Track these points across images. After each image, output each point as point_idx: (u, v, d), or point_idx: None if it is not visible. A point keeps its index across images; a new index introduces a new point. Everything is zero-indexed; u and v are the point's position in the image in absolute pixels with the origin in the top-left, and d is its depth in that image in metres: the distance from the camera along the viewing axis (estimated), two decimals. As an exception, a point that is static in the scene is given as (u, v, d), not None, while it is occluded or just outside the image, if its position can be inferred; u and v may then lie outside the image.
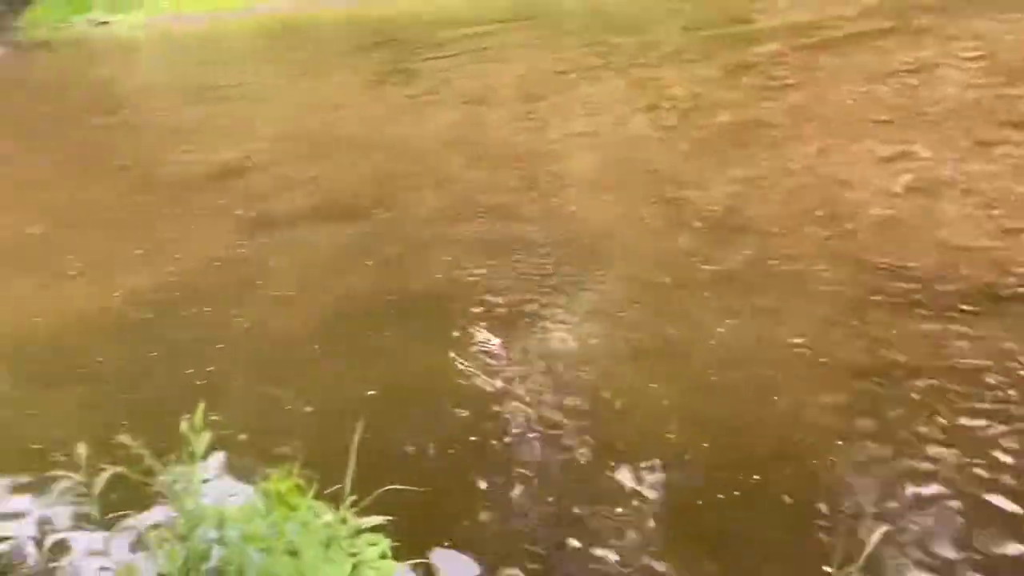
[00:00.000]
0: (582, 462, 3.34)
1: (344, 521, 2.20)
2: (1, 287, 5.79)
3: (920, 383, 3.42)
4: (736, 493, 3.03)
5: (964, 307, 3.85)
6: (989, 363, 3.46)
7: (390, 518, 2.21)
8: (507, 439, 3.51)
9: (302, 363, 4.34)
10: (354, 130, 8.59)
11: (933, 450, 3.06)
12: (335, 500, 2.38)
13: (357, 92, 10.24)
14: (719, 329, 4.05)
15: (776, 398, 3.50)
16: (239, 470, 3.48)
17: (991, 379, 3.37)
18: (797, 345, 3.81)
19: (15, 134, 11.55)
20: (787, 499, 2.96)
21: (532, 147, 7.04)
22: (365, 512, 2.34)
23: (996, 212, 4.62)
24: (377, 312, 4.74)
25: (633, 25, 11.41)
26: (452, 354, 4.16)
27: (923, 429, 3.17)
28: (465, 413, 3.70)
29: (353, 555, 2.00)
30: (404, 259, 5.36)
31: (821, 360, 3.68)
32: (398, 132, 8.19)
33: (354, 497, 2.36)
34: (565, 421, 3.59)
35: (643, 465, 3.24)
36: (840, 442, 3.18)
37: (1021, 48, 6.96)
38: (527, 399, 3.76)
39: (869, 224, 4.75)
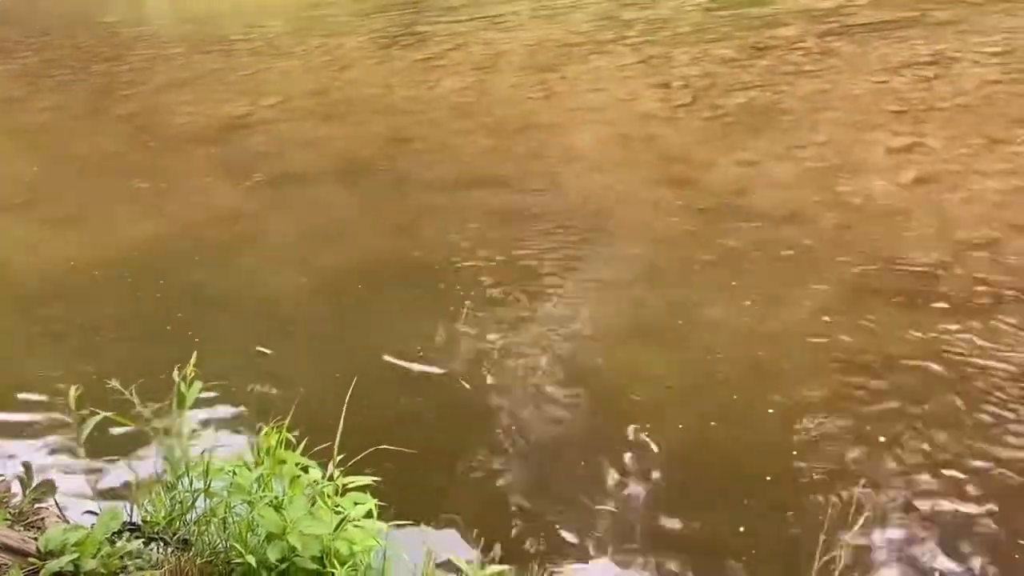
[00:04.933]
0: (574, 435, 3.34)
1: (332, 479, 2.19)
2: (2, 233, 5.76)
3: (913, 377, 3.41)
4: (724, 478, 3.05)
5: (962, 302, 3.83)
6: (987, 359, 3.45)
7: (377, 478, 2.20)
8: (503, 408, 3.51)
9: (301, 320, 4.32)
10: (363, 91, 8.51)
11: (924, 445, 3.06)
12: (326, 458, 2.37)
13: (367, 53, 10.13)
14: (719, 311, 4.04)
15: (770, 383, 3.49)
16: (230, 422, 3.49)
17: (988, 375, 3.36)
18: (795, 331, 3.80)
19: (20, 77, 11.45)
20: (773, 486, 2.97)
21: (541, 118, 6.98)
22: (354, 471, 2.34)
23: (1001, 210, 4.58)
24: (378, 274, 4.72)
25: (650, 1, 11.26)
26: (452, 321, 4.15)
27: (915, 423, 3.16)
28: (462, 380, 3.69)
29: (339, 512, 1.99)
30: (407, 223, 5.33)
31: (818, 348, 3.67)
32: (406, 95, 8.10)
33: (343, 456, 2.36)
34: (561, 394, 3.59)
35: (634, 442, 3.24)
36: (831, 431, 3.18)
37: (1042, 46, 6.88)
38: (524, 370, 3.76)
39: (874, 214, 4.72)
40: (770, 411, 3.34)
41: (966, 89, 6.23)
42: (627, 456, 3.18)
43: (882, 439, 3.11)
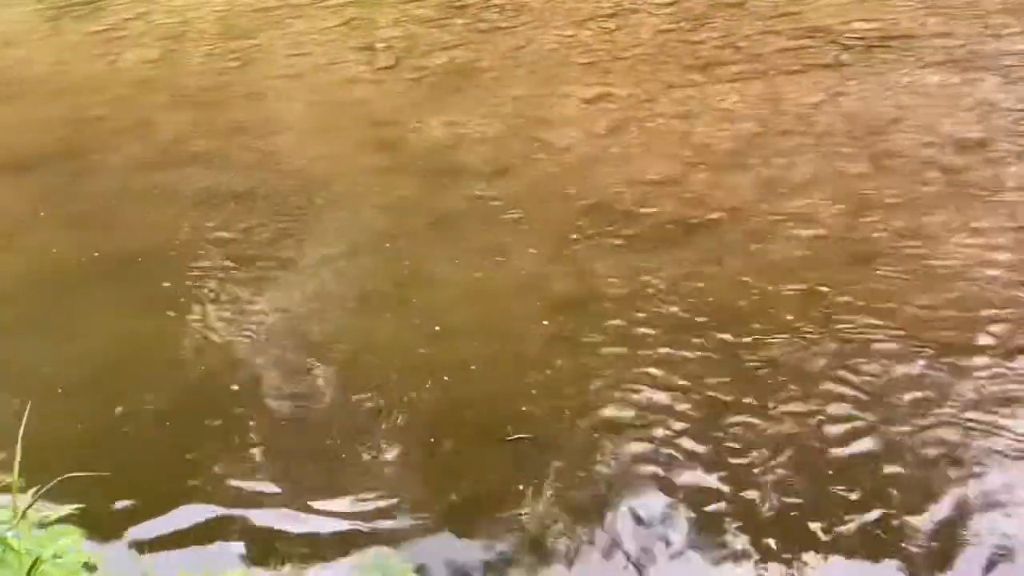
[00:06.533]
0: (313, 417, 3.26)
1: (23, 516, 1.94)
2: None
3: (624, 309, 3.69)
4: (463, 431, 3.13)
5: (657, 237, 4.18)
6: (682, 286, 3.81)
7: (80, 506, 1.99)
8: (229, 402, 3.35)
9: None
10: (32, 71, 7.57)
11: (640, 373, 3.32)
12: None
13: (33, 27, 9.00)
14: (443, 271, 4.10)
15: (500, 335, 3.63)
16: None
17: (683, 301, 3.71)
18: (514, 281, 3.95)
19: None
20: (506, 432, 3.08)
21: (240, 88, 6.62)
22: (54, 501, 2.09)
23: (681, 150, 5.04)
24: (73, 275, 4.28)
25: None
26: (165, 316, 3.86)
27: (629, 351, 3.44)
28: (186, 378, 3.49)
29: (32, 552, 1.77)
30: (102, 214, 4.87)
31: (538, 294, 3.85)
32: (85, 72, 7.34)
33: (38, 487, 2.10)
34: (292, 378, 3.48)
35: (376, 412, 3.23)
36: (565, 373, 3.36)
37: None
38: (251, 358, 3.60)
39: (575, 163, 5.00)
40: (503, 362, 3.47)
41: (644, 39, 6.75)
42: (372, 429, 3.17)
43: (608, 372, 3.34)
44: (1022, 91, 5.29)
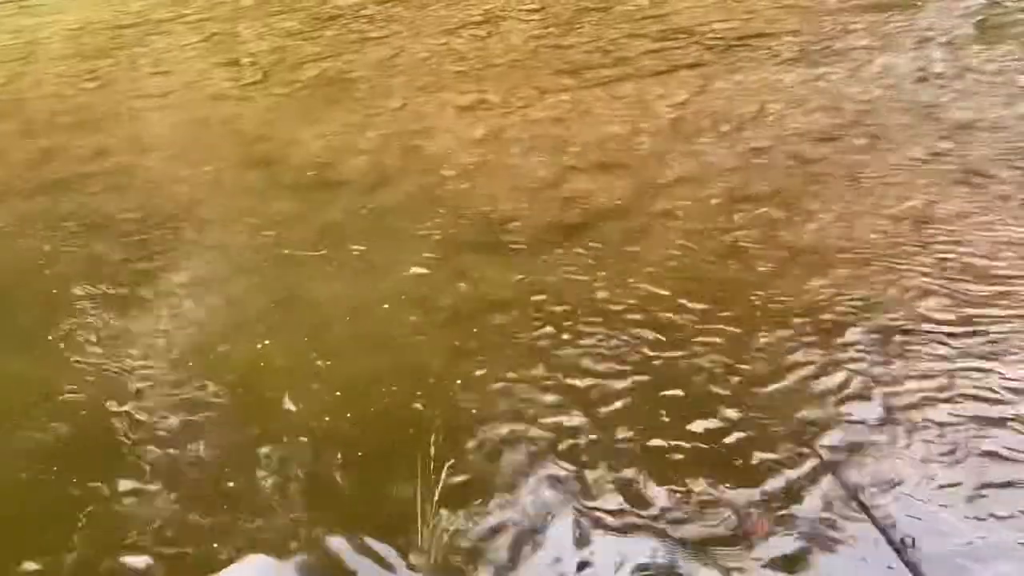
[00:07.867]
0: (202, 451, 3.13)
1: None
2: None
3: (509, 314, 3.71)
4: (360, 449, 3.08)
5: (537, 240, 4.22)
6: (564, 288, 3.85)
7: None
8: (107, 444, 3.17)
9: None
10: None
11: (528, 374, 3.35)
12: None
13: None
14: (325, 287, 4.02)
15: (386, 349, 3.57)
16: None
17: (566, 302, 3.75)
18: (399, 295, 3.91)
19: None
20: (397, 441, 3.05)
21: (100, 110, 6.33)
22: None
23: (557, 154, 5.10)
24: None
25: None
26: (25, 355, 3.65)
27: (516, 356, 3.45)
28: (56, 423, 3.28)
29: None
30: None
31: (423, 307, 3.82)
32: (-78, 98, 6.86)
33: None
34: (174, 411, 3.33)
35: (268, 436, 3.14)
36: (453, 384, 3.34)
37: (570, 2, 7.73)
38: (125, 394, 3.42)
39: (454, 171, 4.99)
40: (394, 375, 3.42)
41: (515, 45, 6.83)
42: (264, 459, 3.06)
43: (498, 378, 3.34)
44: (869, 83, 5.63)
